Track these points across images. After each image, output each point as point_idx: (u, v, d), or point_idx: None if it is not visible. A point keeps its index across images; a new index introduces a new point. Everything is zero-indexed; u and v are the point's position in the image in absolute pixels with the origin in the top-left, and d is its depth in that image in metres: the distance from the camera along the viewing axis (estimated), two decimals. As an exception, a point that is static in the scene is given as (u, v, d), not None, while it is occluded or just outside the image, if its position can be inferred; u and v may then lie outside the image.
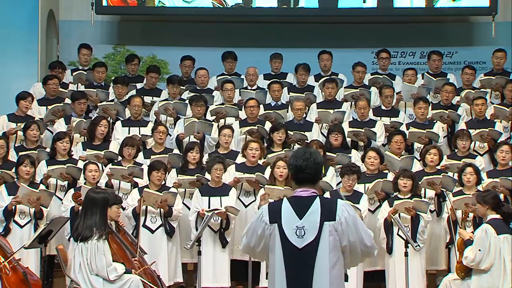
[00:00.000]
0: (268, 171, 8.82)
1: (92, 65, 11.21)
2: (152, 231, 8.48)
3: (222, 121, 10.06)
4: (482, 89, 10.64)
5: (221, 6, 11.88)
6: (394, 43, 12.13)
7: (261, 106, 10.20)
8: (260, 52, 11.70)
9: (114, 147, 9.41)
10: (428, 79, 10.85)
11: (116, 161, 9.15)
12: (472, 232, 7.55)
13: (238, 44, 11.79)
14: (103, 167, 9.08)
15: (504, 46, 11.30)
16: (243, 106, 10.14)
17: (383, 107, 10.36)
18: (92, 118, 9.83)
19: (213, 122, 9.93)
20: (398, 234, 8.21)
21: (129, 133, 9.68)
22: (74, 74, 11.10)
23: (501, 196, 8.28)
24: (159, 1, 11.87)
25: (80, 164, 8.95)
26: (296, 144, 9.66)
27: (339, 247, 4.66)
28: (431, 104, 10.30)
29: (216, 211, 8.35)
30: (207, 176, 8.86)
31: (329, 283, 4.59)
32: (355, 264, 4.84)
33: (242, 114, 10.12)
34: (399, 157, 9.15)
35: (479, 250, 7.13)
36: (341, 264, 4.68)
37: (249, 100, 10.02)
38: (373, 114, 10.22)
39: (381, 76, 11.01)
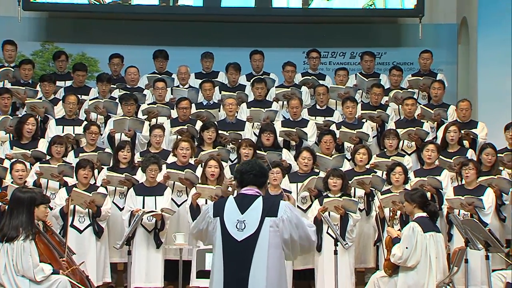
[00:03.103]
0: (199, 170, 8.80)
1: (18, 62, 10.98)
2: (80, 231, 8.39)
3: (154, 120, 9.98)
4: (410, 89, 10.84)
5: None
6: (324, 43, 12.20)
7: (193, 105, 10.16)
8: (190, 51, 11.62)
9: (42, 145, 9.24)
10: (360, 79, 10.97)
11: (44, 160, 8.98)
12: (400, 230, 7.67)
13: (168, 43, 11.69)
14: (31, 166, 8.90)
15: (430, 47, 11.50)
16: (175, 106, 10.08)
17: (318, 106, 10.45)
18: (20, 116, 9.63)
19: (144, 120, 9.85)
20: (327, 233, 8.29)
21: (63, 132, 9.54)
22: (0, 70, 10.85)
23: (428, 194, 8.46)
24: None
25: (6, 163, 8.75)
26: (230, 143, 9.65)
27: (280, 243, 4.77)
28: (361, 103, 10.44)
29: (151, 213, 8.29)
30: (139, 175, 8.79)
31: (266, 278, 4.66)
32: (294, 257, 5.00)
33: (174, 113, 10.06)
34: (330, 157, 9.25)
35: (406, 247, 7.25)
36: (282, 261, 4.79)
37: (182, 101, 9.94)
38: (308, 113, 10.28)
39: (310, 77, 11.10)
